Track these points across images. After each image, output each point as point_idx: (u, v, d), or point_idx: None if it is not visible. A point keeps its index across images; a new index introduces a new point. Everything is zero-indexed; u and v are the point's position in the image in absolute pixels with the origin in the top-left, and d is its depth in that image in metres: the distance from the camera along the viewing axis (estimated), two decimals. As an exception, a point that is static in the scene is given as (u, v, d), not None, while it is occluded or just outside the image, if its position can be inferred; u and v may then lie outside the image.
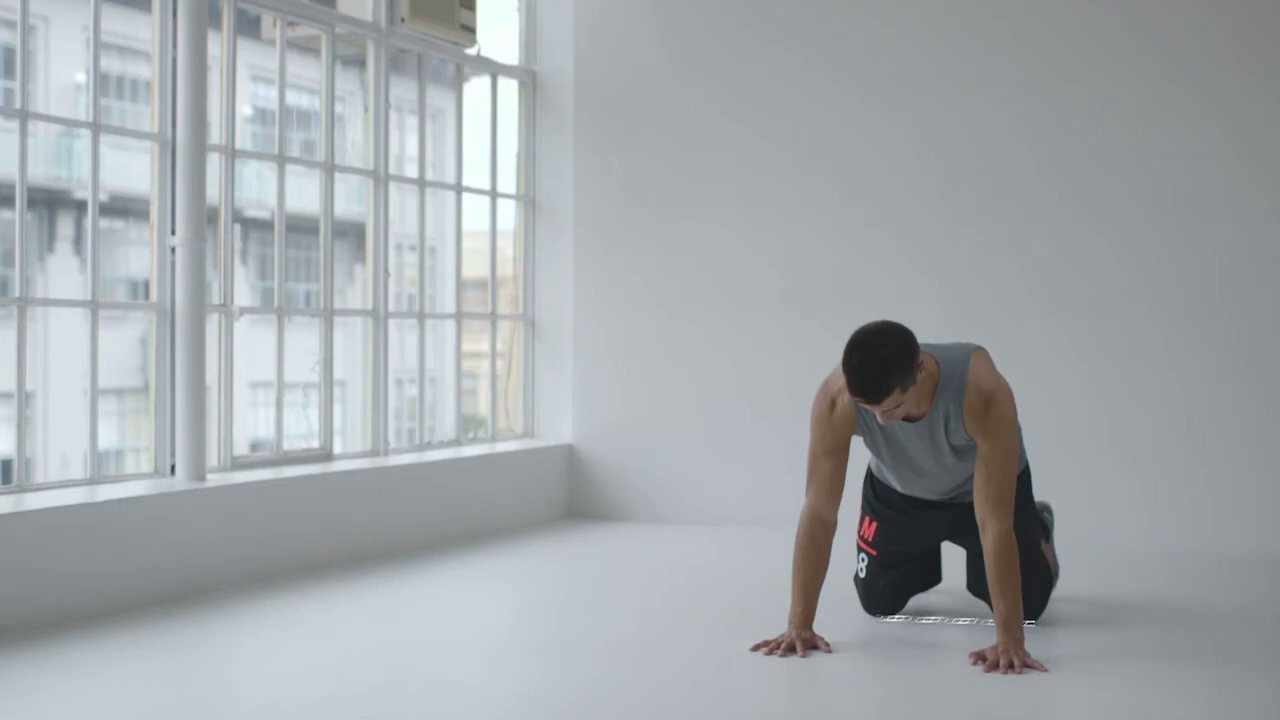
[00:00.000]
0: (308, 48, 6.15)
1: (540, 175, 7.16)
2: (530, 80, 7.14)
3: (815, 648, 4.02)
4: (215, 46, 5.37)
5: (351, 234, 11.00)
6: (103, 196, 8.31)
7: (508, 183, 7.13)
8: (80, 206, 13.88)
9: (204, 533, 4.96)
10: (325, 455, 5.91)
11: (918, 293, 6.38)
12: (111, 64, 13.46)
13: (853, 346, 3.82)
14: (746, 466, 6.62)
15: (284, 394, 5.78)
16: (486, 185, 6.96)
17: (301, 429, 6.37)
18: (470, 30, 6.60)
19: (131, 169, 12.47)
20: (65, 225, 14.29)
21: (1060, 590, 4.85)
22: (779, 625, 4.11)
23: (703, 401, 6.76)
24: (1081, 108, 6.17)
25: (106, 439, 12.75)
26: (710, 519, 6.59)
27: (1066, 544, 5.84)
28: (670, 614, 4.63)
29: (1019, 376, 6.21)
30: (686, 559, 5.82)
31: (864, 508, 4.55)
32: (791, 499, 6.22)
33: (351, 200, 9.17)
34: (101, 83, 5.22)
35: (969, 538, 4.27)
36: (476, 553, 5.83)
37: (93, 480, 4.98)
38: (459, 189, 6.79)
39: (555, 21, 7.10)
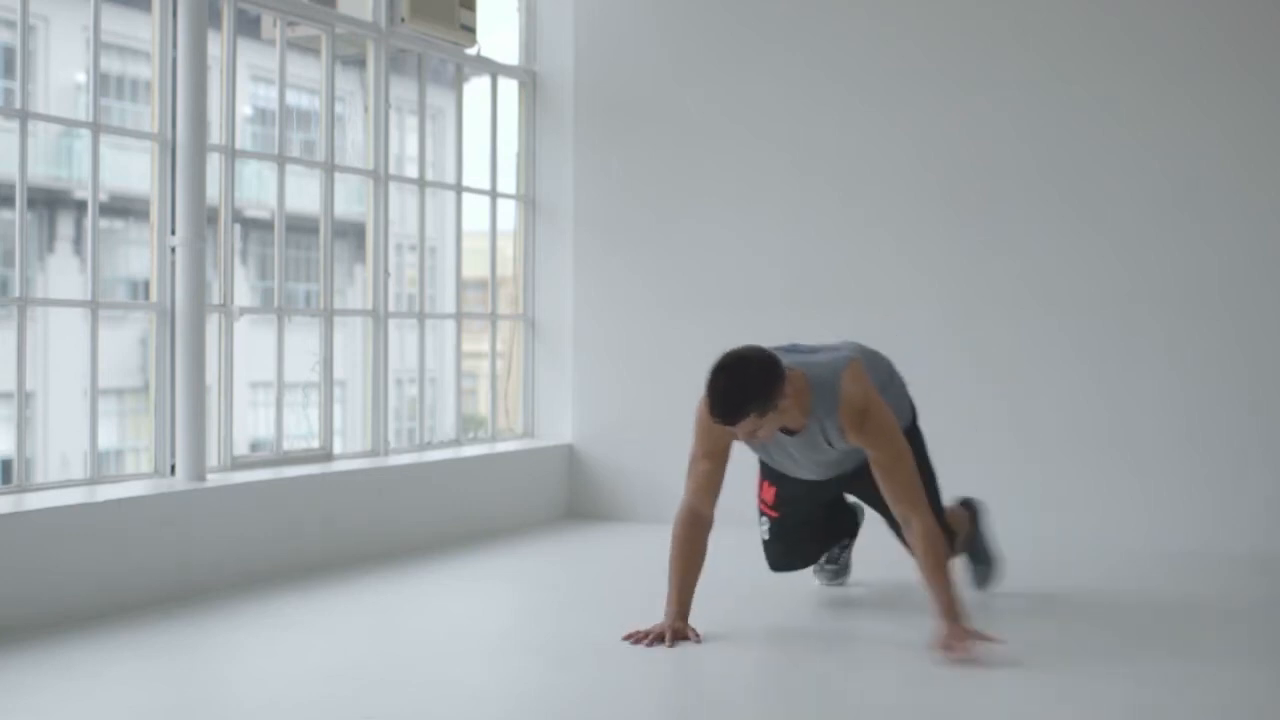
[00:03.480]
0: (308, 48, 6.15)
1: (540, 175, 7.16)
2: (530, 80, 7.14)
3: (685, 638, 4.11)
4: (215, 46, 5.37)
5: (351, 234, 11.00)
6: (103, 196, 8.31)
7: (508, 183, 7.13)
8: (80, 206, 13.89)
9: (204, 533, 4.96)
10: (325, 455, 5.91)
11: (918, 292, 6.38)
12: (111, 64, 13.47)
13: (716, 369, 3.99)
14: (746, 466, 6.60)
15: (284, 394, 5.78)
16: (486, 185, 6.96)
17: (301, 429, 6.37)
18: (470, 30, 6.61)
19: (131, 169, 12.48)
20: (65, 225, 14.30)
21: (1059, 590, 4.85)
22: (779, 624, 4.11)
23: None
24: (1081, 108, 6.16)
25: (106, 439, 12.74)
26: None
27: (1066, 544, 5.85)
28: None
29: (1019, 376, 6.24)
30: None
31: (762, 472, 4.69)
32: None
33: (351, 200, 9.17)
34: (101, 83, 5.22)
35: (864, 489, 4.41)
36: (476, 553, 5.83)
37: (93, 480, 4.99)
38: (459, 189, 6.79)
39: (555, 21, 7.10)
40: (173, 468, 5.19)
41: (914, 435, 4.54)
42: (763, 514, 4.71)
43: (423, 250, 6.56)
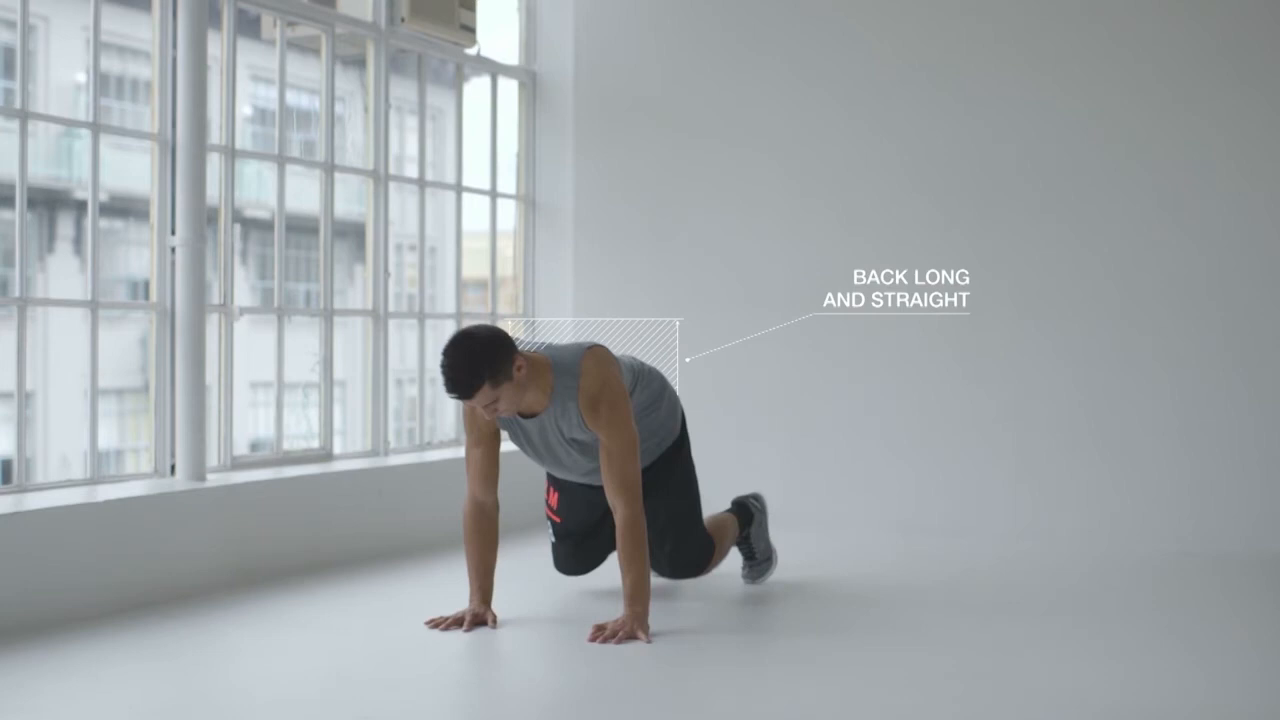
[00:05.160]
0: (308, 48, 6.15)
1: (540, 175, 7.17)
2: (530, 80, 7.14)
3: (483, 623, 4.34)
4: (215, 46, 5.37)
5: (351, 234, 11.00)
6: (103, 196, 8.32)
7: (508, 183, 7.13)
8: (80, 206, 13.88)
9: (204, 533, 4.96)
10: (325, 455, 5.91)
11: (915, 293, 6.39)
12: (111, 64, 13.47)
13: (444, 351, 4.12)
14: (745, 466, 6.61)
15: (284, 394, 5.78)
16: (486, 185, 6.96)
17: (301, 429, 6.36)
18: (470, 30, 6.61)
19: (131, 169, 12.47)
20: (65, 225, 14.29)
21: (1055, 589, 4.85)
22: (778, 620, 4.11)
23: (702, 401, 6.75)
24: (1073, 112, 6.16)
25: (106, 439, 12.75)
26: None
27: (1061, 545, 5.85)
28: (672, 614, 4.62)
29: (1014, 378, 6.24)
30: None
31: (548, 479, 4.86)
32: (791, 499, 6.23)
33: (351, 200, 9.16)
34: (101, 83, 5.22)
35: (650, 502, 4.58)
36: (476, 553, 5.81)
37: (93, 480, 4.99)
38: (459, 189, 6.79)
39: (555, 21, 7.11)
40: (173, 468, 5.19)
41: (683, 446, 4.75)
42: (548, 517, 4.92)
43: (423, 250, 6.56)
